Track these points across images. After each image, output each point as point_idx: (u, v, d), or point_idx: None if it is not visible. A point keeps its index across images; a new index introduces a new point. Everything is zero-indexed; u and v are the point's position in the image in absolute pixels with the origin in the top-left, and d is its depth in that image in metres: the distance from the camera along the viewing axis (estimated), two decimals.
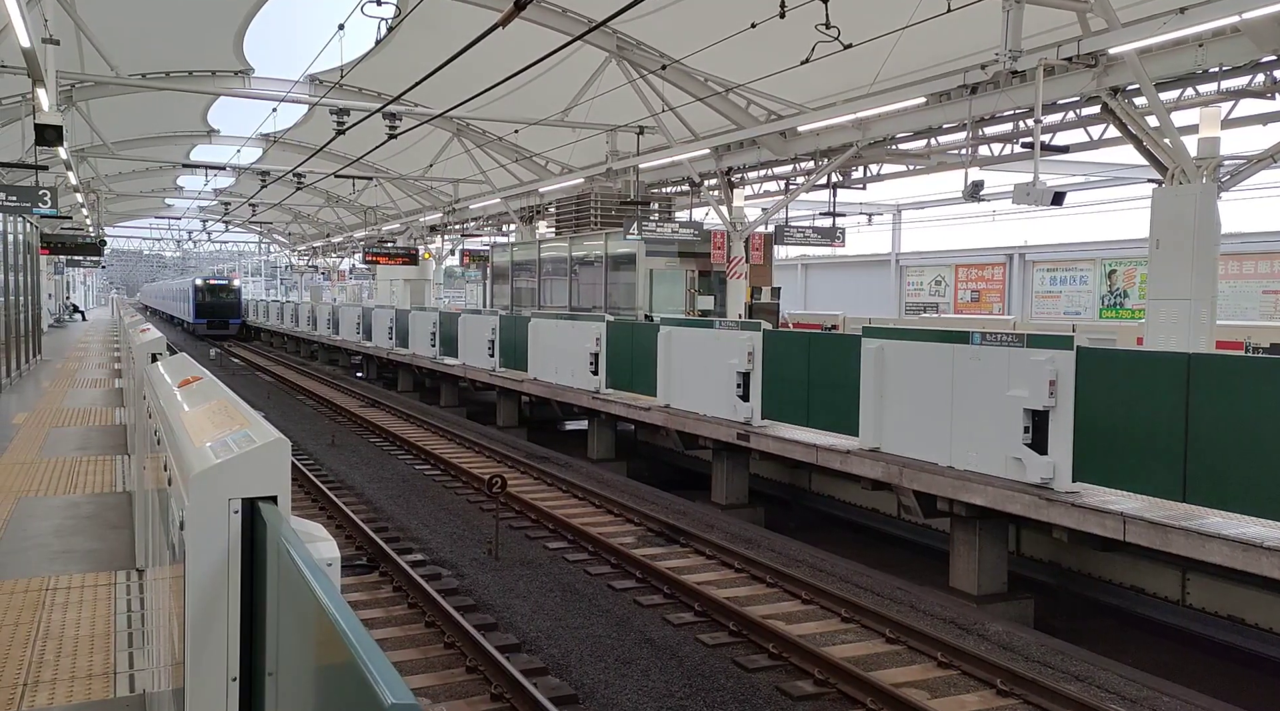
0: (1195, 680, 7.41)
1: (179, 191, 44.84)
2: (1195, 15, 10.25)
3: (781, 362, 12.07)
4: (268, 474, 2.00)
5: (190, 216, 50.61)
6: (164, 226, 60.19)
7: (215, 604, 1.95)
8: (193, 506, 1.98)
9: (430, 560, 10.00)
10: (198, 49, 21.69)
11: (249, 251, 73.60)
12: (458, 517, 11.89)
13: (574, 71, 18.23)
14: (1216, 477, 7.50)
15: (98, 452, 10.58)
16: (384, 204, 37.19)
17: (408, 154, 26.54)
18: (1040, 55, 11.93)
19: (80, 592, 5.82)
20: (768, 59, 14.56)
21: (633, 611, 8.59)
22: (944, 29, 12.40)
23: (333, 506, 12.08)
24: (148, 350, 5.94)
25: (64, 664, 4.72)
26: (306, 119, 27.18)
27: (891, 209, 35.98)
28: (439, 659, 7.40)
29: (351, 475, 14.63)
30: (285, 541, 1.72)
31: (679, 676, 7.17)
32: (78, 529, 7.33)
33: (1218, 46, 11.92)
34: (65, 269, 49.08)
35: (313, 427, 19.25)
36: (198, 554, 1.96)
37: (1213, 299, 11.66)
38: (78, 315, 54.98)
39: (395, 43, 19.17)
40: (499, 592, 9.03)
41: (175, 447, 2.57)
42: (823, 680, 7.02)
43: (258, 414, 2.50)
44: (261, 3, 19.44)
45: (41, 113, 10.57)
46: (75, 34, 15.51)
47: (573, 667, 7.31)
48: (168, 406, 3.26)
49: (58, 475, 9.31)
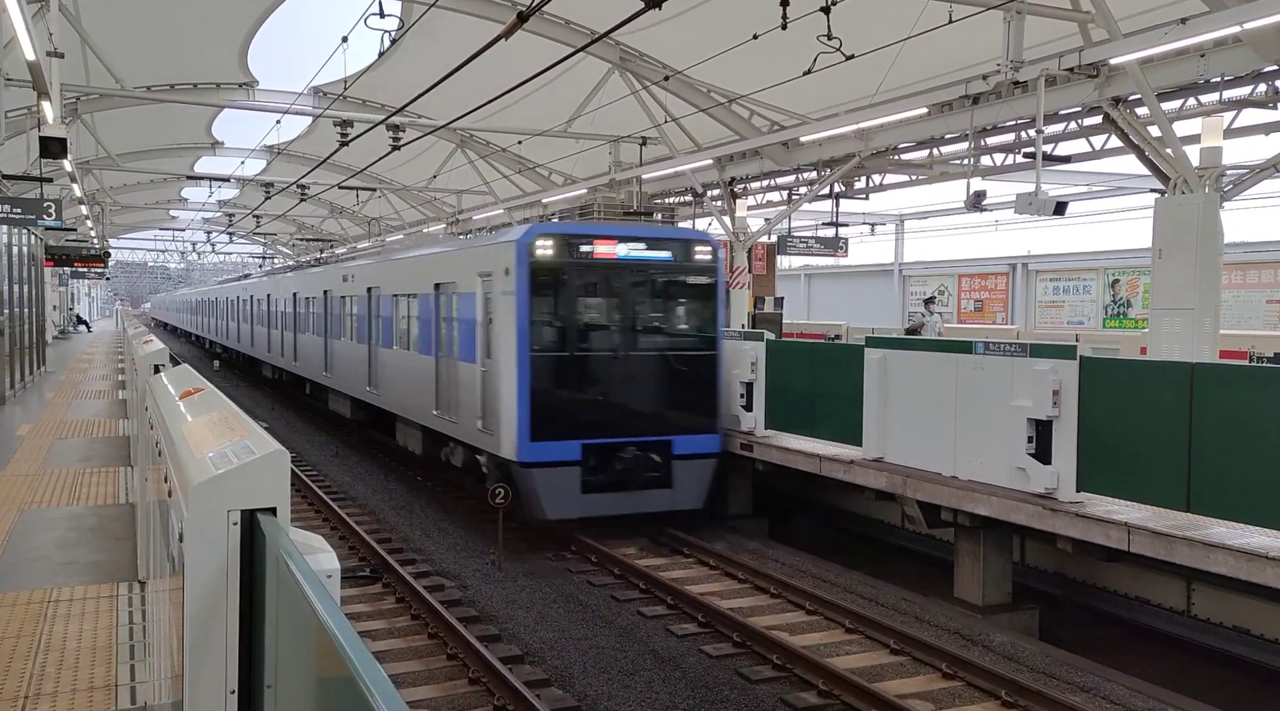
0: (1200, 691, 7.36)
1: (183, 203, 44.96)
2: (1197, 25, 10.25)
3: (786, 374, 12.05)
4: (267, 485, 2.00)
5: (194, 228, 50.70)
6: (168, 238, 60.37)
7: (214, 616, 1.95)
8: (192, 518, 1.98)
9: (433, 571, 9.99)
10: (202, 61, 21.78)
11: (253, 263, 73.73)
12: (461, 528, 11.88)
13: (577, 83, 18.28)
14: (1220, 487, 7.47)
15: (101, 464, 10.58)
16: (388, 215, 37.27)
17: (411, 165, 26.58)
18: (1042, 65, 11.94)
19: (83, 604, 5.81)
20: (770, 70, 14.59)
21: (636, 622, 8.56)
22: (946, 40, 12.41)
23: (335, 517, 12.07)
24: (150, 361, 5.95)
25: (65, 676, 4.71)
26: (310, 131, 27.25)
27: (894, 219, 35.98)
28: (442, 670, 7.38)
29: (355, 486, 14.62)
30: (284, 553, 1.71)
31: (683, 688, 7.14)
32: (80, 540, 7.32)
33: (1219, 56, 11.93)
34: (69, 280, 49.19)
35: (316, 438, 19.25)
36: (197, 565, 1.96)
37: (1216, 308, 11.62)
38: (82, 327, 55.08)
39: (398, 55, 19.24)
40: (502, 604, 9.01)
41: (175, 459, 2.57)
42: (827, 691, 6.99)
43: (259, 425, 2.50)
44: (266, 15, 19.52)
45: (46, 125, 10.62)
46: (80, 47, 15.59)
47: (576, 679, 7.28)
48: (169, 417, 3.26)
49: (61, 486, 9.31)
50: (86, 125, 21.54)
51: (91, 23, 15.73)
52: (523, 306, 10.70)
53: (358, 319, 17.46)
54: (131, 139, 27.36)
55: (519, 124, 19.62)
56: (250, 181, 29.83)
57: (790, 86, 14.07)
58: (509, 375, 10.75)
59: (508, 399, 10.74)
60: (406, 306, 14.78)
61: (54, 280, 39.00)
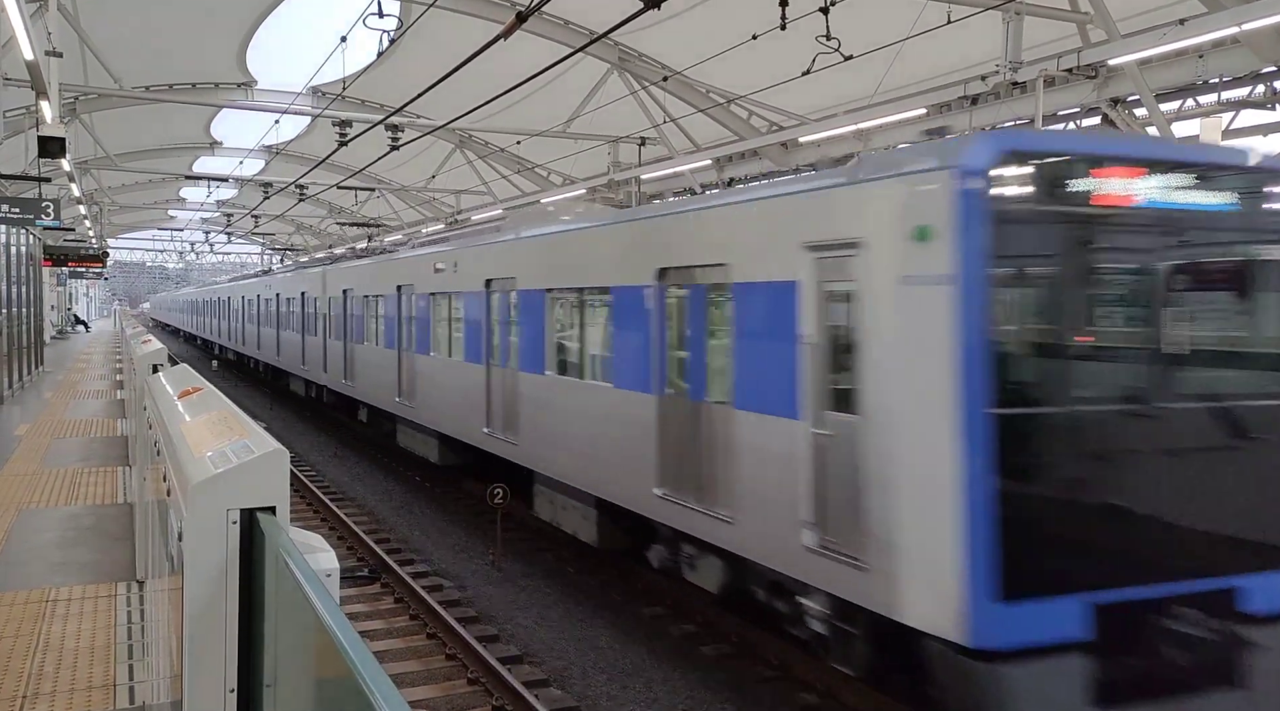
0: None
1: (182, 203, 44.95)
2: (1195, 26, 10.26)
3: None
4: (267, 484, 2.00)
5: (193, 227, 50.68)
6: (166, 237, 60.35)
7: (213, 615, 1.94)
8: (191, 517, 1.97)
9: (432, 571, 9.98)
10: (201, 61, 21.77)
11: (252, 263, 73.73)
12: (460, 528, 11.87)
13: (576, 83, 18.28)
14: None
15: (99, 464, 10.57)
16: (386, 215, 37.28)
17: (410, 165, 26.59)
18: (1041, 66, 11.94)
19: (81, 604, 5.81)
20: (769, 70, 14.58)
21: (636, 623, 8.55)
22: (944, 40, 12.42)
23: (334, 517, 12.06)
24: (149, 361, 5.95)
25: (64, 676, 4.71)
26: (309, 131, 27.25)
27: None
28: (440, 670, 7.37)
29: (353, 486, 14.61)
30: (284, 552, 1.71)
31: (683, 688, 7.13)
32: (79, 540, 7.32)
33: (1218, 57, 11.94)
34: (68, 280, 49.18)
35: (315, 439, 19.24)
36: (196, 565, 1.95)
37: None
38: (80, 326, 55.03)
39: (397, 55, 19.24)
40: (501, 604, 9.00)
41: (174, 458, 2.56)
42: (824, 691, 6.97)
43: (258, 424, 2.50)
44: (264, 15, 19.52)
45: (45, 125, 10.62)
46: (79, 47, 15.57)
47: (575, 680, 7.28)
48: (168, 417, 3.26)
49: (59, 486, 9.31)
50: (85, 125, 21.53)
51: (90, 22, 15.72)
52: (971, 308, 5.12)
53: (470, 329, 11.87)
54: (130, 139, 27.35)
55: (518, 124, 19.62)
56: (249, 181, 29.81)
57: (789, 87, 14.07)
58: (932, 455, 5.20)
59: (930, 505, 5.22)
60: (581, 311, 9.37)
61: (52, 280, 38.97)
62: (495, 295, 11.24)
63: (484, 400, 11.27)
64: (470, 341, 11.81)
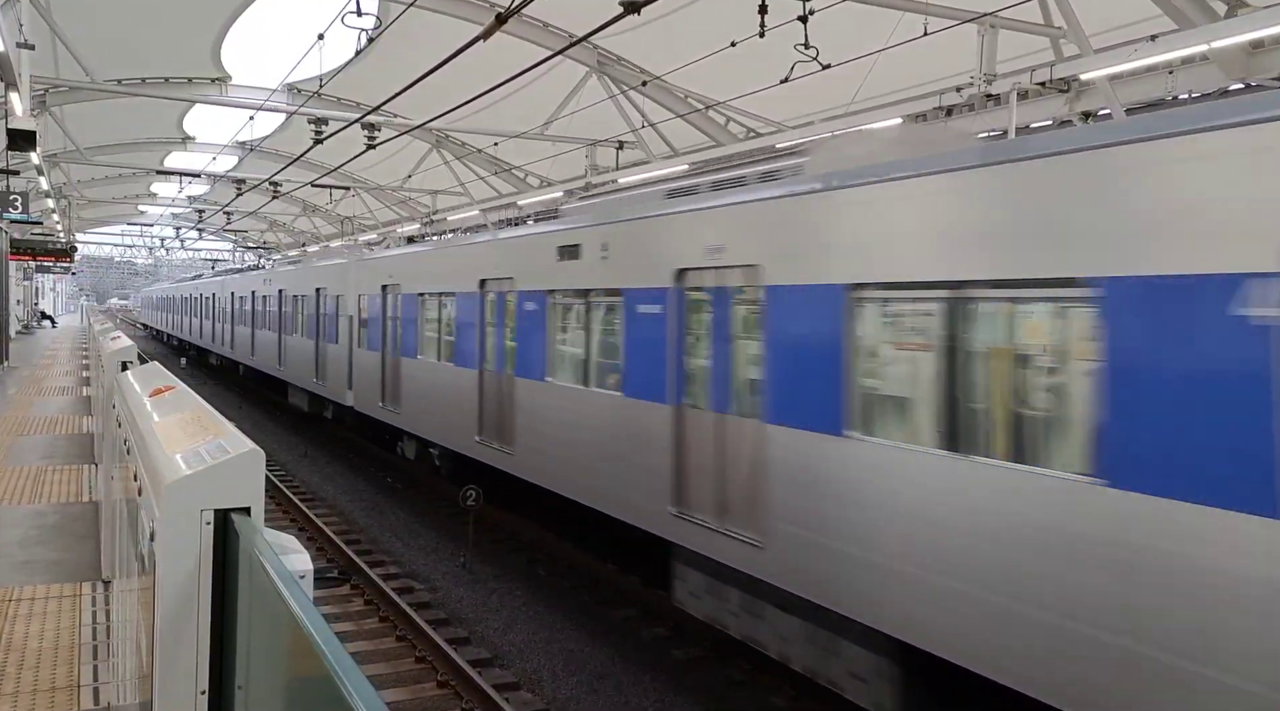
0: None
1: (152, 198, 44.41)
2: (1166, 43, 10.43)
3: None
4: (241, 485, 1.99)
5: (163, 223, 50.09)
6: (136, 233, 59.58)
7: (185, 616, 1.93)
8: (164, 517, 1.96)
9: (403, 573, 9.92)
10: (174, 55, 21.53)
11: (223, 259, 72.96)
12: (432, 530, 11.81)
13: (554, 85, 18.27)
14: None
15: (64, 462, 10.42)
16: (361, 214, 37.04)
17: (386, 164, 26.43)
18: (1014, 79, 12.09)
19: (44, 604, 5.72)
20: (747, 77, 14.65)
21: (607, 626, 8.55)
22: (921, 52, 12.54)
23: (304, 518, 11.97)
24: (118, 358, 5.87)
25: (26, 676, 4.64)
26: (284, 127, 27.00)
27: None
28: (409, 673, 7.34)
29: (324, 487, 14.50)
30: (258, 553, 1.70)
31: (653, 691, 7.14)
32: (42, 539, 7.20)
33: (1187, 74, 12.16)
34: (34, 275, 48.42)
35: (285, 439, 19.07)
36: (168, 565, 1.94)
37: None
38: (46, 322, 54.16)
39: (375, 53, 19.12)
40: (472, 606, 8.97)
41: (146, 457, 2.54)
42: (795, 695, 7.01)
43: (232, 424, 2.49)
44: (240, 10, 19.34)
45: (14, 118, 10.46)
46: (50, 38, 15.36)
47: (545, 682, 7.26)
48: (139, 415, 3.23)
49: (23, 484, 9.16)
50: (55, 118, 21.24)
51: (62, 14, 15.53)
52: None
53: (649, 346, 7.66)
54: (101, 133, 27.02)
55: (496, 125, 19.59)
56: (222, 178, 29.54)
57: (767, 94, 14.15)
58: None
59: None
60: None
61: (18, 274, 38.39)
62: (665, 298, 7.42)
63: (671, 457, 7.31)
64: (651, 367, 7.53)
